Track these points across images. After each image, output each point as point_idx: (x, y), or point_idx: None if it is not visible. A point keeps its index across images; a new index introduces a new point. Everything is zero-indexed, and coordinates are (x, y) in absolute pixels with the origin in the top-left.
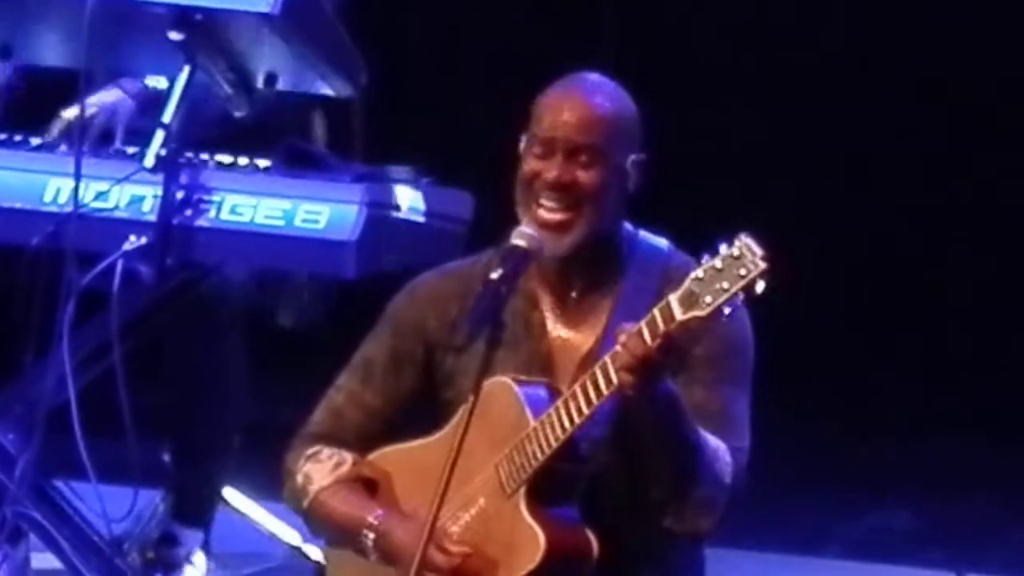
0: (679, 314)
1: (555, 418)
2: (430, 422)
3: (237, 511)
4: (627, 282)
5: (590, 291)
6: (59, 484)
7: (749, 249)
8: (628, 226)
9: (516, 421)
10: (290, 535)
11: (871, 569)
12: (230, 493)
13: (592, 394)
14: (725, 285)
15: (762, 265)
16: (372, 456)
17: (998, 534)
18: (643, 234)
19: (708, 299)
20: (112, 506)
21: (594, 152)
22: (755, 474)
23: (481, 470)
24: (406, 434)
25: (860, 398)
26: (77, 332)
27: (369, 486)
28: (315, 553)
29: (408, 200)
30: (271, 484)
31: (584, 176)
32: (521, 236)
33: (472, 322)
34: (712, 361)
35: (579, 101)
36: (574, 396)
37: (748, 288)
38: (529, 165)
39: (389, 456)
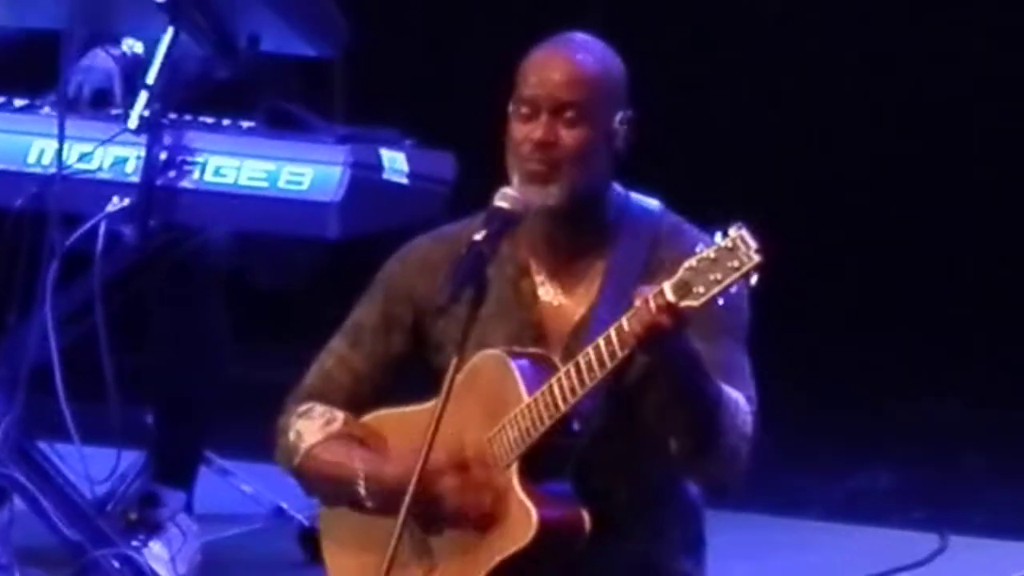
0: (671, 296)
1: (549, 395)
2: (422, 386)
3: (220, 471)
4: (618, 247)
5: (580, 256)
6: (42, 445)
7: (744, 241)
8: (619, 188)
9: (510, 395)
10: (273, 496)
11: (853, 530)
12: (212, 454)
13: (586, 374)
14: (719, 276)
15: (756, 259)
16: (366, 418)
17: (981, 495)
18: (634, 196)
19: (701, 289)
20: (95, 467)
21: (579, 109)
22: None
23: (474, 442)
24: (397, 397)
25: (841, 360)
26: (60, 293)
27: (361, 445)
28: (298, 513)
29: (391, 161)
30: (254, 445)
31: (568, 135)
32: (504, 198)
33: (454, 284)
34: (709, 316)
35: (564, 59)
36: (569, 374)
37: (741, 280)
38: (516, 129)
39: (383, 419)
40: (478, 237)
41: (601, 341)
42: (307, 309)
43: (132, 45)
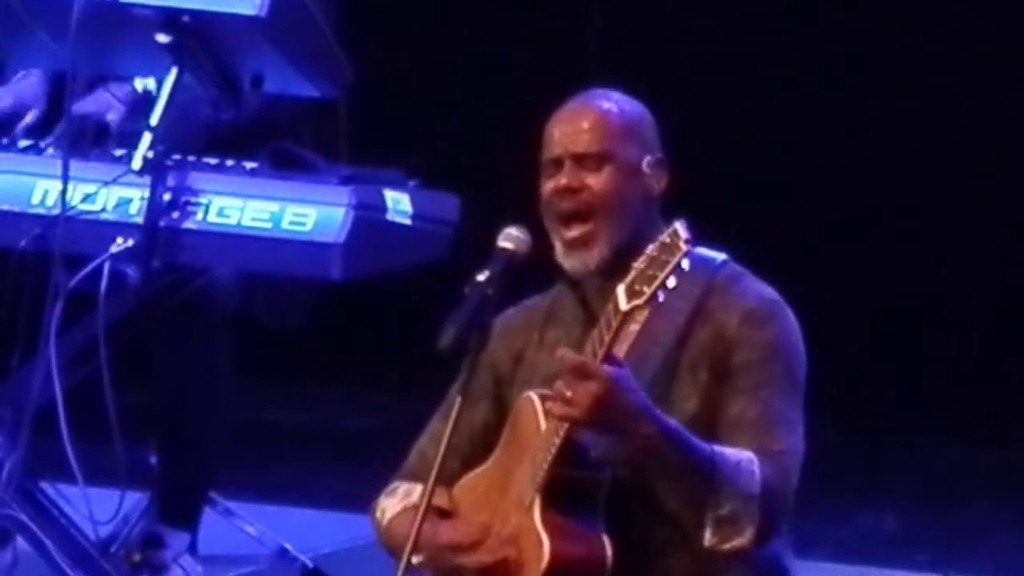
0: (623, 304)
1: (553, 424)
2: None
3: (224, 512)
4: (669, 294)
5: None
6: (46, 486)
7: (675, 234)
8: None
9: (535, 431)
10: (277, 537)
11: (859, 572)
12: (216, 494)
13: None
14: (655, 272)
15: (684, 248)
16: (454, 487)
17: (986, 537)
18: (698, 249)
19: (645, 288)
20: (99, 508)
21: (600, 157)
22: None
23: (515, 483)
24: None
25: (848, 401)
26: (64, 334)
27: (444, 515)
28: (302, 555)
29: (395, 202)
30: (258, 485)
31: (594, 180)
32: (508, 238)
33: (458, 327)
34: (750, 368)
35: (580, 112)
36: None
37: (673, 272)
38: (545, 188)
39: (461, 484)
40: (481, 278)
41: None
42: (311, 350)
43: (145, 83)
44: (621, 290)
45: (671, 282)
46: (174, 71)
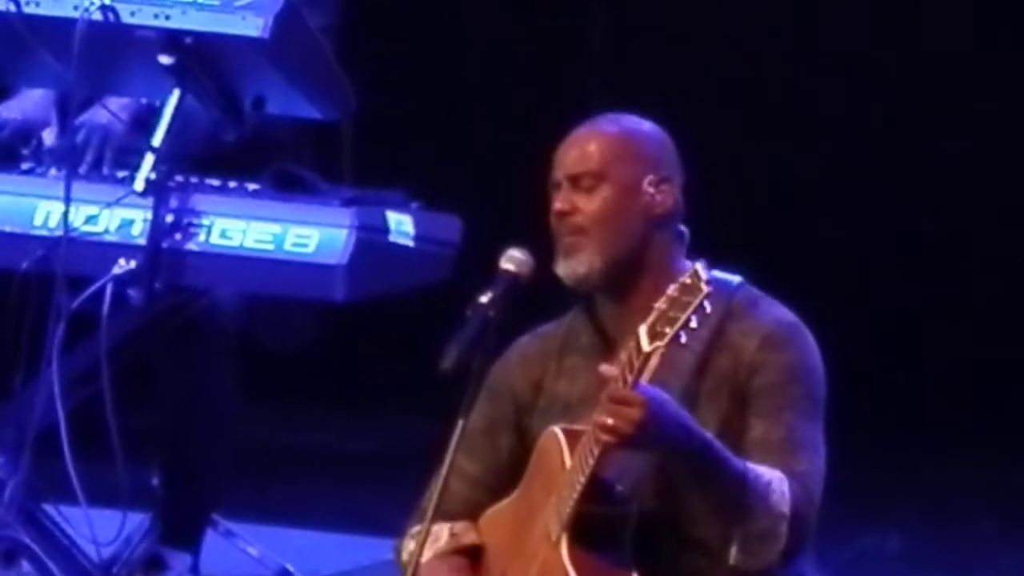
0: (646, 345)
1: (579, 458)
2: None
3: (226, 533)
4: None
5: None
6: (48, 507)
7: (697, 276)
8: (688, 263)
9: (560, 467)
10: (279, 558)
11: None
12: (218, 516)
13: (594, 441)
14: (676, 314)
15: (705, 290)
16: (481, 519)
17: (991, 559)
18: (714, 273)
19: (667, 329)
20: (101, 529)
21: (593, 177)
22: None
23: (541, 521)
24: None
25: (853, 420)
26: (66, 355)
27: (473, 552)
28: None
29: (397, 224)
30: (260, 507)
31: (585, 201)
32: (510, 260)
33: (460, 348)
34: (771, 391)
35: (580, 136)
36: (588, 436)
37: (695, 313)
38: (551, 212)
39: (489, 517)
40: (483, 299)
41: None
42: (313, 371)
43: (145, 102)
44: (643, 331)
45: (693, 323)
46: (176, 92)
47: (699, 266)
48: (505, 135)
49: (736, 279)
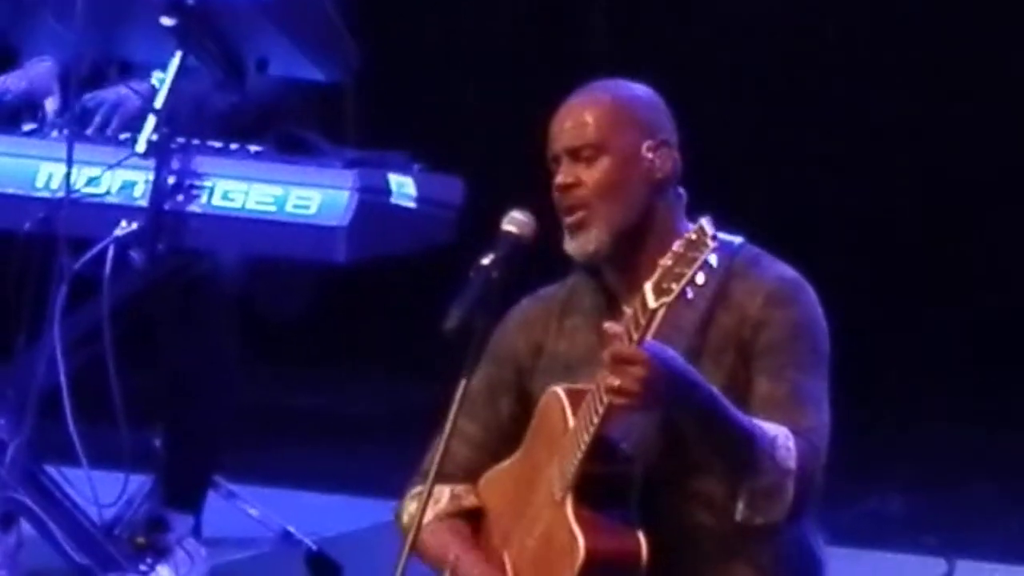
0: (651, 302)
1: (583, 418)
2: None
3: (228, 495)
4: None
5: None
6: (50, 469)
7: (702, 231)
8: (690, 224)
9: (563, 427)
10: (281, 520)
11: (862, 555)
12: (220, 477)
13: (601, 391)
14: (682, 270)
15: (711, 245)
16: (480, 481)
17: (991, 521)
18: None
19: (672, 285)
20: (103, 491)
21: (593, 146)
22: None
23: (544, 480)
24: None
25: (852, 383)
26: (68, 317)
27: (474, 515)
28: (306, 537)
29: (399, 186)
30: (262, 468)
31: (587, 174)
32: (512, 222)
33: (463, 309)
34: (776, 348)
35: (574, 107)
36: (592, 396)
37: (701, 268)
38: (553, 187)
39: (489, 478)
40: (486, 261)
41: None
42: (315, 334)
43: (162, 78)
44: (648, 288)
45: (699, 278)
46: (179, 54)
47: (704, 221)
48: (507, 97)
49: (738, 239)
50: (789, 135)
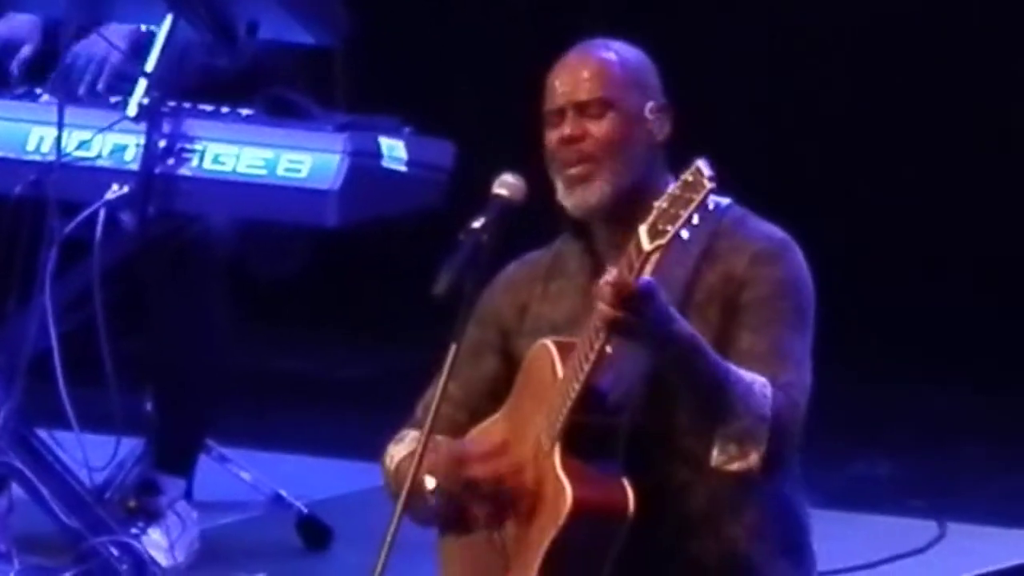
0: (646, 244)
1: (572, 368)
2: None
3: (219, 458)
4: (675, 241)
5: None
6: (41, 433)
7: (699, 171)
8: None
9: (551, 379)
10: (272, 483)
11: (852, 518)
12: (212, 441)
13: (592, 341)
14: (678, 211)
15: (709, 185)
16: (465, 439)
17: (981, 483)
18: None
19: (668, 227)
20: (94, 455)
21: (601, 103)
22: None
23: (531, 431)
24: None
25: (841, 348)
26: (59, 281)
27: None
28: (297, 501)
29: (390, 149)
30: (253, 432)
31: (595, 127)
32: (503, 185)
33: (453, 272)
34: (760, 304)
35: (579, 61)
36: (582, 344)
37: (698, 209)
38: (548, 138)
39: (471, 436)
40: (476, 224)
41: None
42: (306, 297)
43: (141, 30)
44: (643, 230)
45: (695, 219)
46: (169, 17)
47: (701, 163)
48: (498, 60)
49: (725, 200)
50: (787, 122)
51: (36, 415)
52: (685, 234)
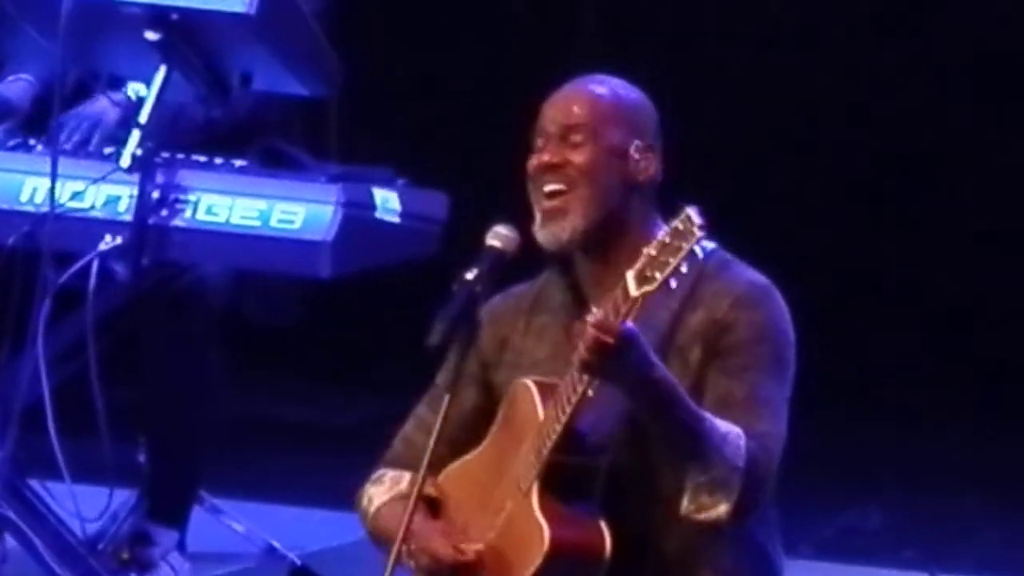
0: (633, 290)
1: (554, 410)
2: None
3: (212, 510)
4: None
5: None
6: (34, 483)
7: (689, 220)
8: (665, 224)
9: (532, 418)
10: (265, 534)
11: (843, 570)
12: (205, 492)
13: (575, 383)
14: (668, 259)
15: (698, 234)
16: (440, 476)
17: (971, 533)
18: None
19: (657, 274)
20: (86, 506)
21: (585, 131)
22: None
23: (510, 470)
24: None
25: (832, 397)
26: (52, 331)
27: (433, 504)
28: (290, 552)
29: (384, 200)
30: (246, 483)
31: (575, 155)
32: (497, 236)
33: (446, 323)
34: (739, 349)
35: (573, 92)
36: (565, 385)
37: (687, 258)
38: (530, 162)
39: (450, 472)
40: (469, 275)
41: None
42: (300, 347)
43: (138, 89)
44: (631, 275)
45: (683, 268)
46: (163, 69)
47: (692, 211)
48: (491, 112)
49: (710, 244)
50: (781, 134)
51: (29, 466)
52: (673, 283)
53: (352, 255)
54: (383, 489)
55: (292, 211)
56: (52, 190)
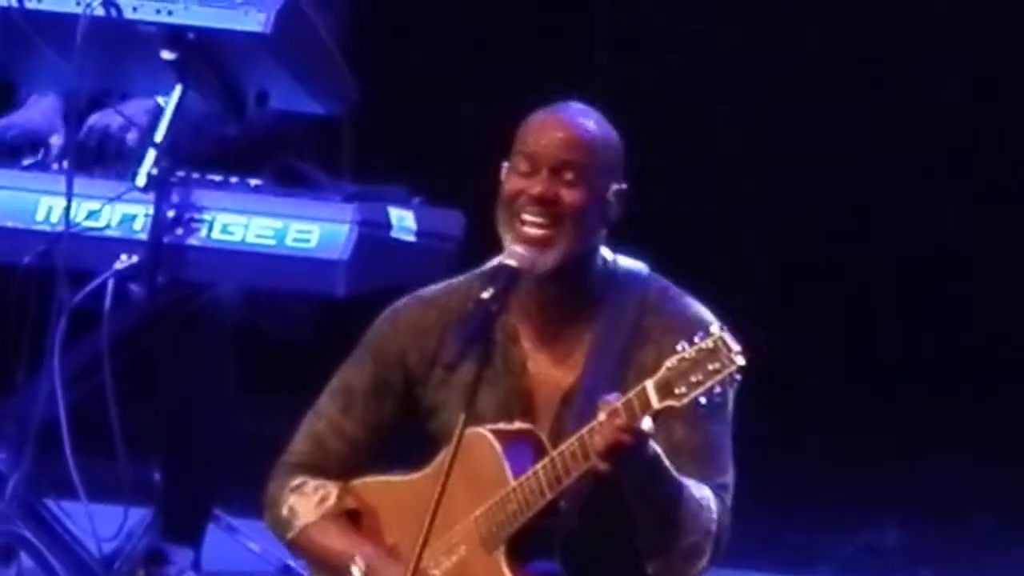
0: (655, 402)
1: (536, 481)
2: (414, 450)
3: (227, 528)
4: (605, 315)
5: (569, 324)
6: (49, 502)
7: (724, 343)
8: (606, 253)
9: (496, 477)
10: (280, 554)
11: None
12: (220, 511)
13: (571, 464)
14: (700, 378)
15: (738, 361)
16: (356, 483)
17: (989, 553)
18: (621, 260)
19: (684, 390)
20: (102, 525)
21: (579, 170)
22: (745, 493)
23: (461, 518)
24: (389, 461)
25: (850, 416)
26: (68, 350)
27: (353, 516)
28: (305, 571)
29: (399, 219)
30: (261, 501)
31: (568, 194)
32: (512, 255)
33: (463, 342)
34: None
35: (566, 121)
36: (553, 463)
37: (722, 383)
38: (512, 184)
39: (372, 487)
40: (486, 295)
41: (576, 441)
42: (315, 364)
43: (149, 106)
44: (651, 385)
45: (718, 389)
46: (179, 88)
47: (727, 336)
48: (508, 131)
49: (642, 266)
50: (785, 141)
51: (45, 485)
52: (703, 400)
53: (367, 274)
54: (309, 504)
55: (307, 230)
56: (67, 209)
